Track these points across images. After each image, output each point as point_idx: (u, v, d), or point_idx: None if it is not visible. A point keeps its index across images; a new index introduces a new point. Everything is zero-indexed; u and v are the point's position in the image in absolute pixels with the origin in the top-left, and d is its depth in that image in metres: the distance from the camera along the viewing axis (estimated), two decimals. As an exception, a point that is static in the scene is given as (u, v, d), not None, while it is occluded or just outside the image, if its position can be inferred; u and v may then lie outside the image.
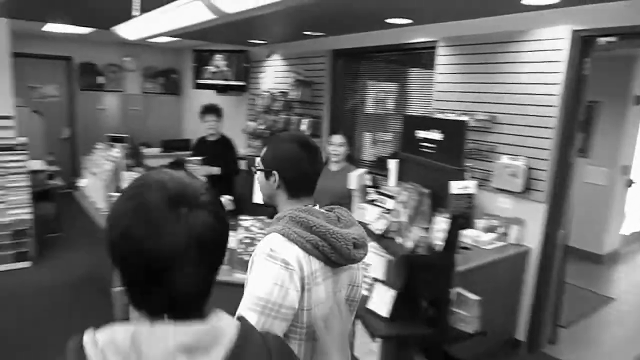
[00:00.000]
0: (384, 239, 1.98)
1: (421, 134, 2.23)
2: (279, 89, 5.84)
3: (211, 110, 4.09)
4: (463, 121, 2.27)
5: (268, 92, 5.99)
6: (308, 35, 4.98)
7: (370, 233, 1.96)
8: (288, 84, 5.60)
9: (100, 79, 7.89)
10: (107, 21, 3.12)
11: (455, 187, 1.89)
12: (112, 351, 0.70)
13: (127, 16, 2.46)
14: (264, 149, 1.40)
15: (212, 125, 4.09)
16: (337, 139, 3.57)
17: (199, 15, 1.77)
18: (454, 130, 2.10)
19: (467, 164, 3.06)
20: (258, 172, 1.40)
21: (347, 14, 3.75)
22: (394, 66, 5.04)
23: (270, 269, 1.17)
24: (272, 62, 5.94)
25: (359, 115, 5.24)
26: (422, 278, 2.04)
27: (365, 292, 2.02)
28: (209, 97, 7.31)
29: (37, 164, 5.44)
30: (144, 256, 0.73)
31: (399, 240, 2.06)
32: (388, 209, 2.17)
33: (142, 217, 0.73)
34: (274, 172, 1.33)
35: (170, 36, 2.52)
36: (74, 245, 5.31)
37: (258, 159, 1.41)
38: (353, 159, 3.67)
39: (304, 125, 5.25)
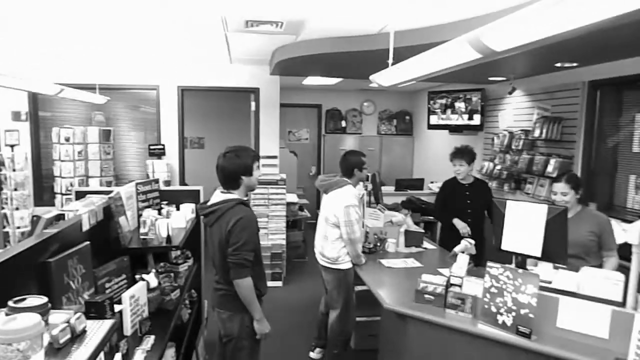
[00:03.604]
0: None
1: None
2: (520, 126, 5.43)
3: (458, 155, 4.05)
4: None
5: (507, 130, 5.64)
6: (559, 67, 4.51)
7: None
8: (531, 121, 5.16)
9: (342, 123, 8.80)
10: (365, 71, 3.45)
11: None
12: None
13: (383, 66, 2.67)
14: None
15: (458, 170, 4.05)
16: (559, 187, 3.03)
17: (461, 56, 1.76)
18: None
19: None
20: None
21: (620, 38, 3.25)
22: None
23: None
24: (512, 98, 5.59)
25: (624, 154, 4.42)
26: None
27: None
28: (442, 137, 7.34)
29: (292, 197, 6.31)
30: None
31: None
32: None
33: None
34: None
35: (418, 81, 2.62)
36: (315, 270, 5.89)
37: None
38: (582, 199, 3.10)
39: (551, 165, 4.70)
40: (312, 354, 3.85)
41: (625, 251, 3.16)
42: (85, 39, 4.52)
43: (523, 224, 2.56)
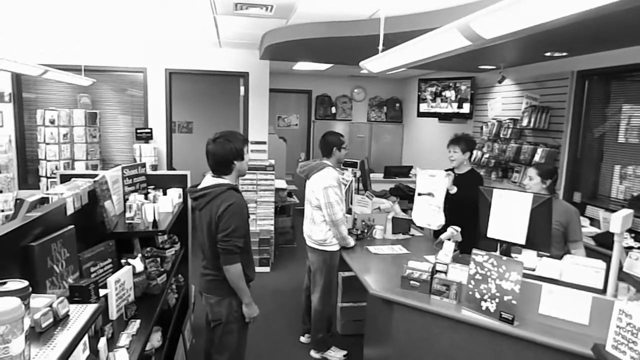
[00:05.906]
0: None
1: None
2: (508, 115, 5.46)
3: (454, 141, 3.92)
4: None
5: (495, 119, 5.66)
6: (548, 56, 4.52)
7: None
8: (520, 110, 5.19)
9: (332, 109, 8.76)
10: (355, 57, 3.42)
11: None
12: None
13: (374, 52, 2.65)
14: None
15: (452, 157, 3.89)
16: (529, 171, 3.24)
17: (451, 43, 1.76)
18: None
19: None
20: None
21: (609, 28, 3.26)
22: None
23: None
24: (501, 87, 5.61)
25: (610, 145, 4.47)
26: None
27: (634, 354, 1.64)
28: (432, 125, 7.35)
29: (280, 183, 6.29)
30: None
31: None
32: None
33: None
34: None
35: (408, 68, 2.61)
36: (303, 256, 5.91)
37: None
38: (554, 190, 3.21)
39: (539, 155, 4.74)
40: (302, 339, 3.89)
41: (607, 239, 3.22)
42: (71, 18, 4.41)
43: (508, 212, 2.59)
